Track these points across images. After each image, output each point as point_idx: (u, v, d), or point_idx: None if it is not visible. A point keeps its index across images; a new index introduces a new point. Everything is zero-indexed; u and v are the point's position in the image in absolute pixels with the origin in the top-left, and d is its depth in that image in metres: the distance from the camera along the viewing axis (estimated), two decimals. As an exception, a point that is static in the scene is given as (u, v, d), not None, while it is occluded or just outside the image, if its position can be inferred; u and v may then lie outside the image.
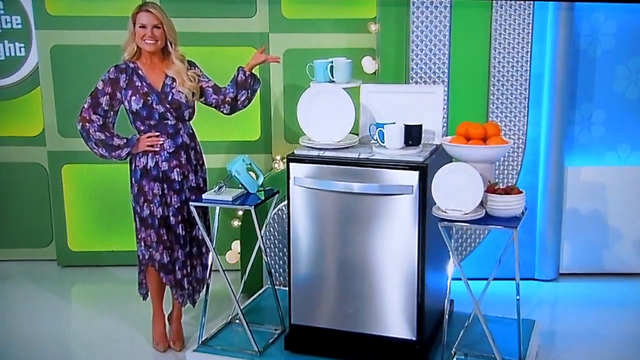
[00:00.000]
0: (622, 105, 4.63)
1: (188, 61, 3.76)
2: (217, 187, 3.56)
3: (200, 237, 3.83)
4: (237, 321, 3.81)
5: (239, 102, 3.78)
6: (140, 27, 3.60)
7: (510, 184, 3.75)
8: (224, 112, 3.81)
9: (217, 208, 3.59)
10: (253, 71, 3.79)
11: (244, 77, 3.74)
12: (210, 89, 3.76)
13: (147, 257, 3.75)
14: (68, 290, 4.80)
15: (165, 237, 3.73)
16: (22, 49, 4.95)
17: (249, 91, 3.78)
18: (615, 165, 4.69)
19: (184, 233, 3.77)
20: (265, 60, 3.82)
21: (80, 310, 4.53)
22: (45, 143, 4.96)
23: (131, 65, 3.68)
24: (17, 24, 4.91)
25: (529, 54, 4.30)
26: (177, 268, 3.78)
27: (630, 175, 4.65)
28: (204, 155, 3.89)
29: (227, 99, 3.75)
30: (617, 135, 4.68)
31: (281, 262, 4.31)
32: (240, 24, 4.73)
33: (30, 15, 4.84)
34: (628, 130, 4.67)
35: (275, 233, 4.27)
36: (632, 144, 4.70)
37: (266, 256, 3.85)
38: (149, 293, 3.91)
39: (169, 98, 3.65)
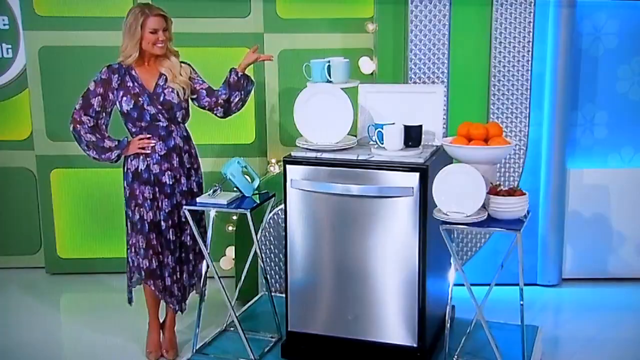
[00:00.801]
0: (625, 107, 4.62)
1: (183, 62, 3.71)
2: (212, 191, 3.50)
3: (188, 243, 3.77)
4: (232, 329, 3.76)
5: (232, 104, 3.73)
6: (151, 32, 3.53)
7: (511, 187, 3.69)
8: (218, 115, 3.77)
9: (212, 212, 3.53)
10: (246, 72, 3.74)
11: (236, 78, 3.69)
12: (204, 91, 3.73)
13: (135, 264, 3.69)
14: (57, 298, 4.74)
15: (155, 242, 3.66)
16: (10, 50, 4.89)
17: (242, 92, 3.73)
18: (619, 167, 4.68)
19: (174, 238, 3.71)
20: (257, 59, 3.77)
21: (69, 319, 4.47)
22: (33, 147, 4.90)
23: (124, 65, 3.61)
24: (4, 25, 4.86)
25: (530, 53, 4.27)
26: (166, 274, 3.72)
27: (634, 178, 4.63)
28: (199, 159, 3.82)
29: (219, 101, 3.71)
30: (620, 137, 4.66)
31: (277, 267, 4.25)
32: (233, 24, 4.69)
33: (18, 16, 4.79)
34: (631, 132, 4.66)
35: (271, 238, 4.21)
36: (636, 145, 4.68)
37: (262, 261, 3.79)
38: (146, 302, 3.83)
39: (161, 99, 3.60)
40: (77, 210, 4.96)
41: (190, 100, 3.75)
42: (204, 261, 3.62)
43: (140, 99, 3.57)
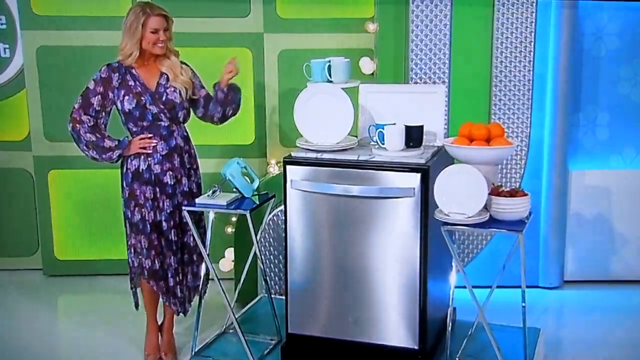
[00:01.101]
0: (626, 108, 4.60)
1: (184, 63, 3.69)
2: (211, 191, 3.48)
3: (191, 244, 3.74)
4: (232, 331, 3.74)
5: (227, 116, 3.75)
6: (152, 32, 3.51)
7: (513, 187, 3.67)
8: (213, 124, 3.79)
9: (211, 213, 3.50)
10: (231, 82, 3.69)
11: (223, 95, 3.66)
12: (202, 100, 3.71)
13: (136, 264, 3.66)
14: (54, 300, 4.71)
15: (157, 243, 3.63)
16: (7, 50, 4.87)
17: (233, 104, 3.74)
18: (621, 168, 4.66)
19: (175, 239, 3.68)
20: (234, 72, 3.64)
21: (67, 321, 4.46)
22: (30, 148, 4.87)
23: (124, 64, 3.59)
24: (2, 24, 4.83)
25: (531, 53, 4.26)
26: (169, 275, 3.69)
27: (636, 179, 4.62)
28: (198, 160, 3.80)
29: (215, 120, 3.73)
30: (622, 138, 4.65)
31: (277, 269, 4.23)
32: (233, 24, 4.67)
33: (15, 15, 4.76)
34: (633, 133, 4.64)
35: (271, 239, 4.19)
36: (638, 147, 4.67)
37: (262, 263, 3.77)
38: (143, 303, 3.81)
39: (163, 98, 3.58)
40: (75, 212, 4.94)
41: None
42: (203, 262, 3.59)
43: (142, 98, 3.54)
